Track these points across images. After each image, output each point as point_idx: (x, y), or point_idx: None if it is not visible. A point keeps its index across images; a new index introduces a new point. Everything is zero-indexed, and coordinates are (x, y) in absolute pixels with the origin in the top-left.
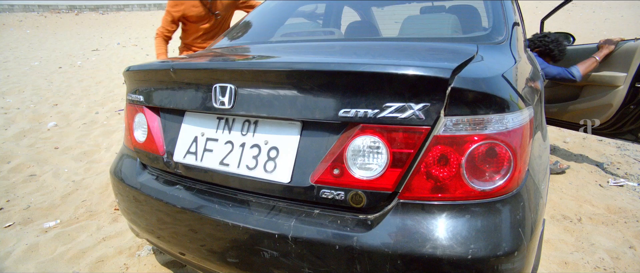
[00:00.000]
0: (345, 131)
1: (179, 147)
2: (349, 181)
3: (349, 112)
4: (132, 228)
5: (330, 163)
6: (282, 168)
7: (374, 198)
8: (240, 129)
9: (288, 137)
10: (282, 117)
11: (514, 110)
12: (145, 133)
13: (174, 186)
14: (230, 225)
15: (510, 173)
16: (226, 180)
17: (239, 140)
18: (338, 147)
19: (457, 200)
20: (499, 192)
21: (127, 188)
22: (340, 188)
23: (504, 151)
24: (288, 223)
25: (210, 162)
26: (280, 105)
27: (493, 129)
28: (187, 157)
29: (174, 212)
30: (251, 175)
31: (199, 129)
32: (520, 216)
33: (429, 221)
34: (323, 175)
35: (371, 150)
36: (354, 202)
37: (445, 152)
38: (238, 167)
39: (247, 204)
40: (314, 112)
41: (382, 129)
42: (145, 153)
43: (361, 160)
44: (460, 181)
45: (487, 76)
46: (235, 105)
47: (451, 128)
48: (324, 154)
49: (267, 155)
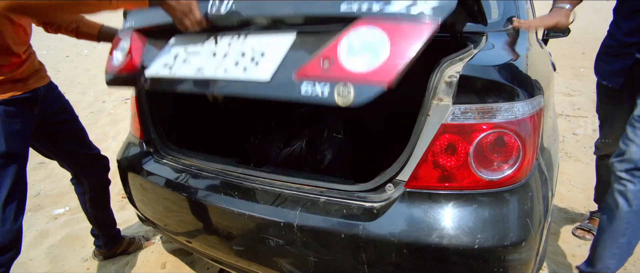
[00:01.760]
0: (345, 28)
1: (155, 64)
2: (339, 73)
3: (352, 5)
4: (139, 215)
5: (320, 56)
6: (264, 68)
7: (362, 95)
8: (228, 41)
9: (280, 39)
10: (277, 18)
11: (523, 99)
12: (124, 54)
13: (181, 174)
14: (236, 213)
15: (519, 162)
16: (196, 84)
17: (224, 50)
18: (334, 40)
19: (464, 190)
20: (507, 182)
21: (134, 176)
22: (326, 81)
23: (513, 140)
24: (293, 212)
25: (185, 71)
26: (277, 6)
27: (502, 117)
28: (160, 70)
29: (180, 200)
30: (226, 77)
31: (182, 47)
32: (528, 206)
33: (436, 210)
34: (310, 68)
35: (370, 43)
36: (340, 95)
37: (453, 140)
38: (214, 72)
39: (253, 193)
40: (312, 7)
41: (385, 20)
42: (117, 76)
43: (357, 53)
44: (468, 170)
45: (497, 63)
46: (230, 10)
47: (459, 116)
48: (316, 53)
49: (251, 60)
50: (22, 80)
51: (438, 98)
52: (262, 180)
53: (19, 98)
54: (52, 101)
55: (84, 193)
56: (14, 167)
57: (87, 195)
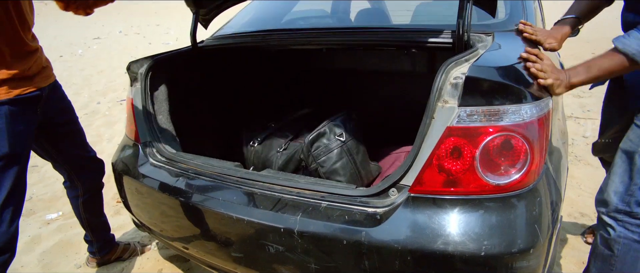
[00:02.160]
0: None
1: None
2: None
3: None
4: (134, 220)
5: None
6: None
7: None
8: None
9: None
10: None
11: (531, 101)
12: None
13: (178, 177)
14: (235, 218)
15: (527, 167)
16: None
17: None
18: None
19: (470, 195)
20: (514, 187)
21: (129, 180)
22: None
23: (520, 144)
24: (294, 217)
25: None
26: None
27: (509, 120)
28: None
29: (177, 205)
30: None
31: None
32: (537, 212)
33: (441, 216)
34: None
35: None
36: None
37: (458, 144)
38: None
39: (252, 197)
40: None
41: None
42: None
43: None
44: (474, 175)
45: (504, 64)
46: None
47: (465, 119)
48: None
49: None
50: (29, 78)
51: (443, 100)
52: (262, 184)
53: (24, 97)
54: (55, 101)
55: (76, 197)
56: (15, 168)
57: (80, 199)
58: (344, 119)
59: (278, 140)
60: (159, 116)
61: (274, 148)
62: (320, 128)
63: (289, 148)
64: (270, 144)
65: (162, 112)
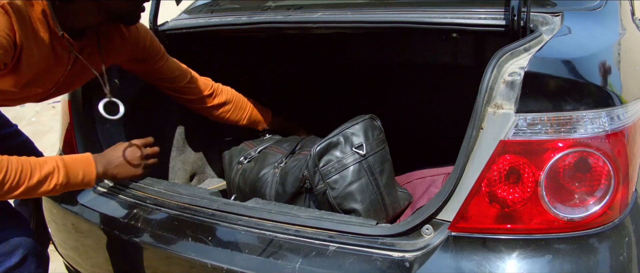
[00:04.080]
0: None
1: None
2: None
3: None
4: (68, 267)
5: None
6: None
7: None
8: None
9: None
10: None
11: (615, 105)
12: None
13: (132, 209)
14: (210, 267)
15: (611, 195)
16: None
17: None
18: None
19: (533, 233)
20: (593, 222)
21: (62, 213)
22: None
23: (601, 164)
24: (291, 265)
25: None
26: None
27: (585, 131)
28: None
29: (131, 248)
30: None
31: None
32: (625, 257)
33: (494, 263)
34: None
35: None
36: None
37: (516, 163)
38: None
39: (233, 238)
40: None
41: None
42: None
43: None
44: (538, 206)
45: (577, 56)
46: None
47: (525, 130)
48: None
49: None
50: None
51: (495, 104)
52: (247, 219)
53: None
54: None
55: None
56: None
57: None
58: (366, 125)
59: (274, 154)
60: (106, 124)
61: (269, 164)
62: (332, 136)
63: (289, 164)
64: (263, 159)
65: (101, 118)
